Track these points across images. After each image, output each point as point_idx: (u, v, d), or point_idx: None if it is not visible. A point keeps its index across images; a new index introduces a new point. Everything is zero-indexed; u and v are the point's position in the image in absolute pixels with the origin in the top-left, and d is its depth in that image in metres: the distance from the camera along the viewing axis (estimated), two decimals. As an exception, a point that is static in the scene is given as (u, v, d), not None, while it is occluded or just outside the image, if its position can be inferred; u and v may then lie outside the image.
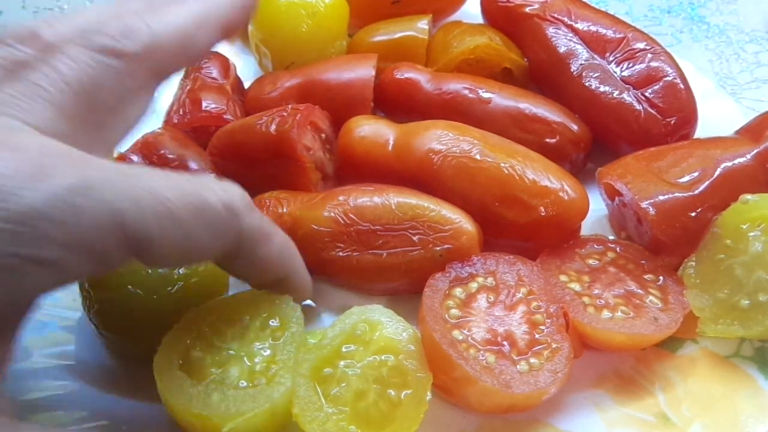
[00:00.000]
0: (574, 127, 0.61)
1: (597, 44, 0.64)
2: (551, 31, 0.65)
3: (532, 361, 0.46)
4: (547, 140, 0.60)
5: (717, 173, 0.54)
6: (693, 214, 0.52)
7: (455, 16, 0.74)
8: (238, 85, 0.69)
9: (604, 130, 0.62)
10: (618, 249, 0.54)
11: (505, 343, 0.47)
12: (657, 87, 0.60)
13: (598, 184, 0.59)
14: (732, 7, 0.84)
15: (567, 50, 0.64)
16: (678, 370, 0.50)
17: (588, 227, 0.58)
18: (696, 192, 0.53)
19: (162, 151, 0.58)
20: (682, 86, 0.60)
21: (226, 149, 0.60)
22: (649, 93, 0.60)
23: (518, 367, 0.46)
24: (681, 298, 0.50)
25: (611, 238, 0.56)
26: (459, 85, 0.62)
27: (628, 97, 0.60)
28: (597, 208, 0.59)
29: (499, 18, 0.70)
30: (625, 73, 0.62)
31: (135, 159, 0.58)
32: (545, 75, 0.66)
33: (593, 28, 0.65)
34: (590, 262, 0.53)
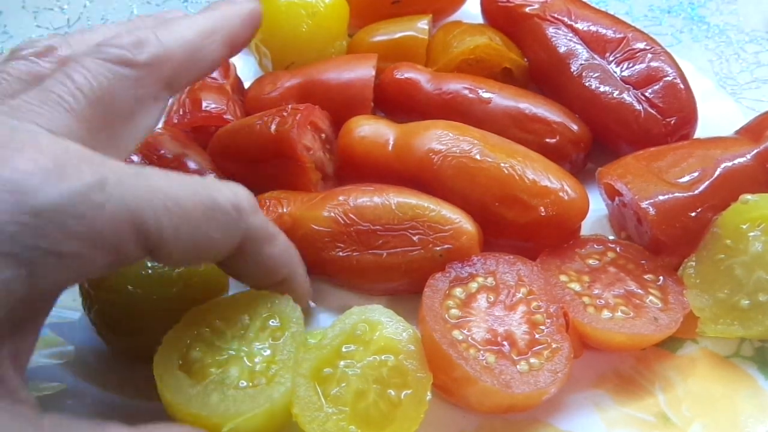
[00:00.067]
0: (574, 127, 0.61)
1: (597, 44, 0.64)
2: (551, 31, 0.65)
3: (532, 361, 0.46)
4: (547, 140, 0.60)
5: (717, 173, 0.54)
6: (693, 214, 0.52)
7: (455, 16, 0.74)
8: (238, 85, 0.69)
9: (604, 130, 0.62)
10: (618, 249, 0.54)
11: (505, 343, 0.47)
12: (657, 87, 0.60)
13: (598, 184, 0.59)
14: (732, 7, 0.84)
15: (567, 50, 0.64)
16: (678, 370, 0.50)
17: (588, 227, 0.58)
18: (696, 192, 0.53)
19: (162, 151, 0.58)
20: (682, 86, 0.60)
21: (226, 149, 0.61)
22: (649, 93, 0.60)
23: (518, 367, 0.46)
24: (681, 298, 0.50)
25: (611, 238, 0.56)
26: (459, 85, 0.62)
27: (628, 97, 0.60)
28: (597, 208, 0.59)
29: (499, 18, 0.70)
30: (625, 73, 0.62)
31: (135, 159, 0.58)
32: (545, 75, 0.66)
33: (593, 28, 0.65)
34: (590, 262, 0.53)
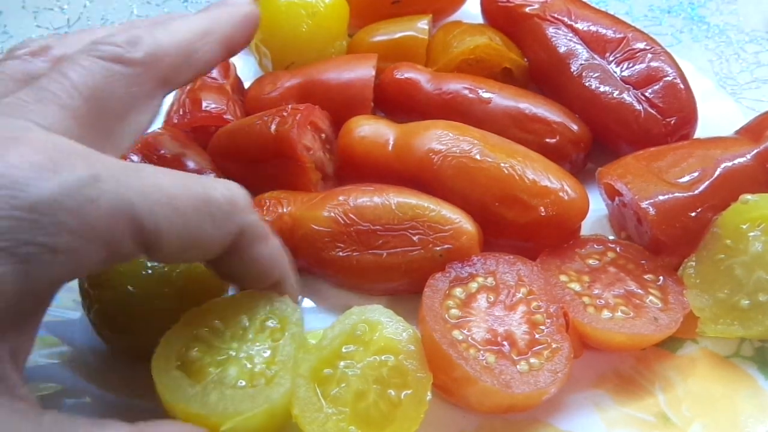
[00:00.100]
0: (574, 127, 0.61)
1: (597, 44, 0.64)
2: (551, 31, 0.65)
3: (532, 361, 0.46)
4: (547, 140, 0.60)
5: (717, 173, 0.54)
6: (693, 214, 0.52)
7: (455, 16, 0.74)
8: (238, 85, 0.69)
9: (604, 130, 0.62)
10: (618, 249, 0.54)
11: (505, 343, 0.47)
12: (657, 87, 0.60)
13: (598, 184, 0.59)
14: (732, 7, 0.84)
15: (567, 50, 0.64)
16: (678, 370, 0.50)
17: (588, 227, 0.58)
18: (696, 192, 0.53)
19: (162, 151, 0.58)
20: (682, 86, 0.60)
21: (226, 149, 0.61)
22: (649, 93, 0.60)
23: (518, 367, 0.46)
24: (681, 298, 0.50)
25: (611, 238, 0.56)
26: (459, 85, 0.62)
27: (628, 97, 0.60)
28: (597, 208, 0.59)
29: (499, 18, 0.70)
30: (625, 73, 0.62)
31: (135, 159, 0.58)
32: (545, 75, 0.66)
33: (593, 28, 0.65)
34: (590, 262, 0.53)
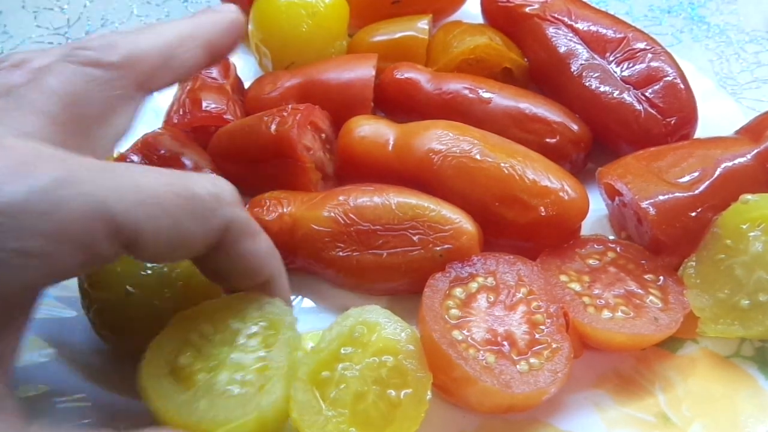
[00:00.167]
0: (575, 127, 0.61)
1: (597, 44, 0.64)
2: (551, 31, 0.65)
3: (532, 361, 0.46)
4: (548, 140, 0.60)
5: (717, 173, 0.54)
6: (693, 214, 0.52)
7: (455, 16, 0.74)
8: (238, 85, 0.69)
9: (604, 130, 0.62)
10: (618, 249, 0.54)
11: (505, 343, 0.47)
12: (657, 87, 0.60)
13: (598, 184, 0.59)
14: (732, 6, 0.84)
15: (567, 50, 0.64)
16: (678, 370, 0.50)
17: (588, 227, 0.58)
18: (696, 192, 0.53)
19: (162, 151, 0.58)
20: (682, 86, 0.60)
21: (226, 149, 0.61)
22: (649, 93, 0.60)
23: (518, 367, 0.46)
24: (681, 298, 0.50)
25: (611, 238, 0.56)
26: (459, 85, 0.62)
27: (629, 97, 0.60)
28: (597, 208, 0.59)
29: (499, 18, 0.70)
30: (626, 73, 0.61)
31: (135, 159, 0.58)
32: (545, 75, 0.66)
33: (593, 28, 0.64)
34: (590, 262, 0.53)
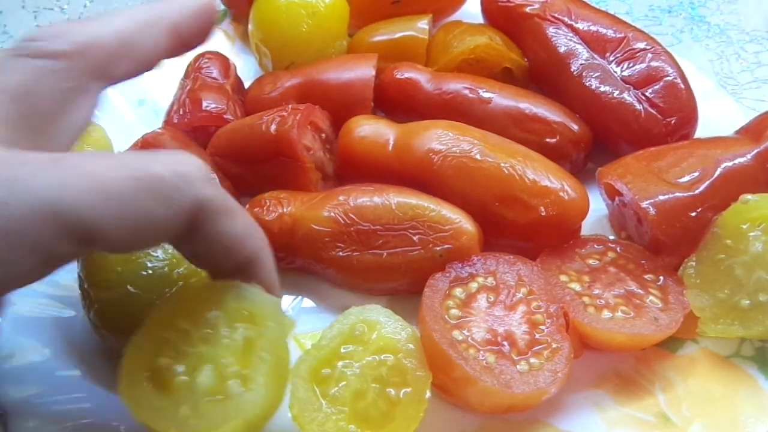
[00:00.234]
0: (575, 127, 0.61)
1: (597, 44, 0.64)
2: (551, 30, 0.65)
3: (532, 361, 0.46)
4: (548, 140, 0.60)
5: (717, 173, 0.54)
6: (693, 214, 0.52)
7: (455, 16, 0.74)
8: (238, 85, 0.69)
9: (604, 130, 0.62)
10: (618, 249, 0.54)
11: (505, 343, 0.47)
12: (657, 87, 0.60)
13: (598, 184, 0.59)
14: (732, 6, 0.84)
15: (567, 50, 0.64)
16: (678, 370, 0.50)
17: (588, 227, 0.58)
18: (696, 192, 0.53)
19: (162, 151, 0.58)
20: (682, 86, 0.60)
21: (226, 149, 0.61)
22: (649, 93, 0.60)
23: (518, 367, 0.46)
24: (681, 298, 0.50)
25: (611, 238, 0.56)
26: (459, 85, 0.62)
27: (629, 97, 0.60)
28: (597, 208, 0.59)
29: (500, 18, 0.70)
30: (626, 73, 0.61)
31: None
32: (545, 75, 0.66)
33: (593, 28, 0.64)
34: (590, 262, 0.53)
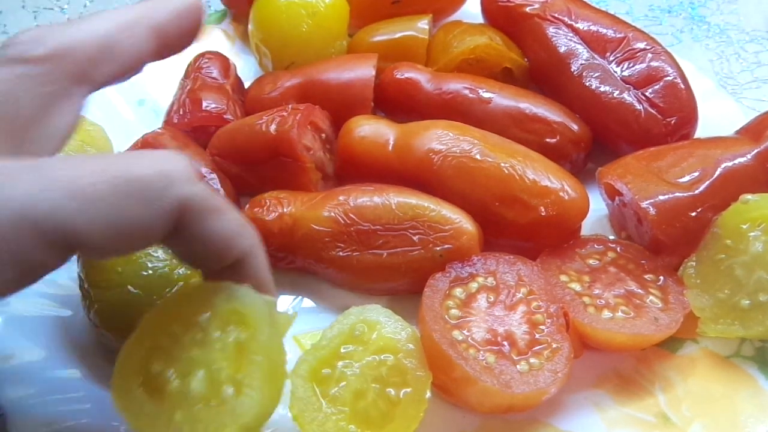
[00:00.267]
0: (575, 127, 0.61)
1: (597, 44, 0.64)
2: (551, 30, 0.65)
3: (532, 361, 0.46)
4: (548, 140, 0.60)
5: (717, 173, 0.54)
6: (693, 214, 0.52)
7: (455, 16, 0.74)
8: (238, 85, 0.69)
9: (604, 129, 0.62)
10: (618, 249, 0.54)
11: (505, 343, 0.47)
12: (657, 87, 0.60)
13: (598, 184, 0.59)
14: (732, 6, 0.84)
15: (567, 50, 0.64)
16: (678, 370, 0.50)
17: (588, 227, 0.58)
18: (696, 192, 0.53)
19: (162, 151, 0.58)
20: (682, 86, 0.60)
21: (226, 149, 0.61)
22: (649, 93, 0.60)
23: (518, 367, 0.46)
24: (681, 298, 0.50)
25: (611, 238, 0.56)
26: (459, 85, 0.62)
27: (629, 96, 0.60)
28: (597, 208, 0.59)
29: (500, 18, 0.69)
30: (626, 73, 0.61)
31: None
32: (545, 75, 0.66)
33: (593, 28, 0.64)
34: (590, 262, 0.53)
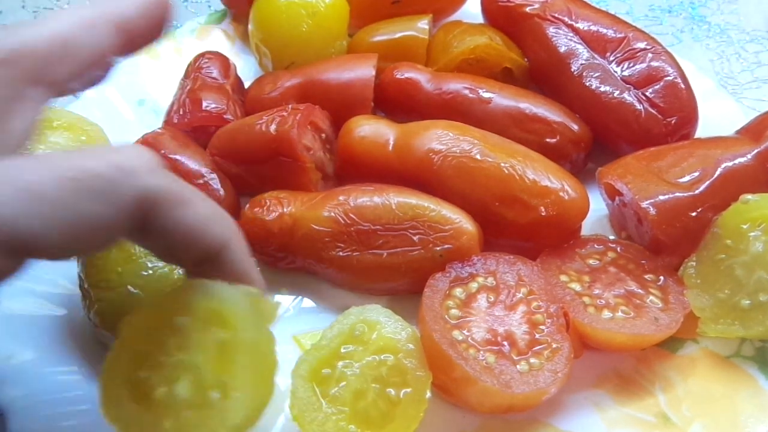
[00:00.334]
0: (575, 127, 0.61)
1: (597, 44, 0.63)
2: (552, 30, 0.65)
3: (532, 361, 0.46)
4: (548, 140, 0.60)
5: (717, 173, 0.54)
6: (693, 214, 0.52)
7: (455, 16, 0.74)
8: (238, 84, 0.69)
9: (604, 129, 0.62)
10: (618, 249, 0.54)
11: (505, 343, 0.47)
12: (658, 87, 0.60)
13: (598, 183, 0.59)
14: (733, 6, 0.84)
15: (567, 50, 0.64)
16: (678, 370, 0.50)
17: (588, 227, 0.58)
18: (696, 192, 0.53)
19: (162, 151, 0.58)
20: (682, 86, 0.60)
21: (226, 149, 0.60)
22: (649, 93, 0.60)
23: (518, 367, 0.46)
24: (681, 298, 0.50)
25: (612, 238, 0.56)
26: (459, 85, 0.62)
27: (629, 96, 0.60)
28: (597, 208, 0.59)
29: (500, 18, 0.69)
30: (626, 73, 0.61)
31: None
32: (546, 75, 0.66)
33: (594, 28, 0.64)
34: (590, 262, 0.53)
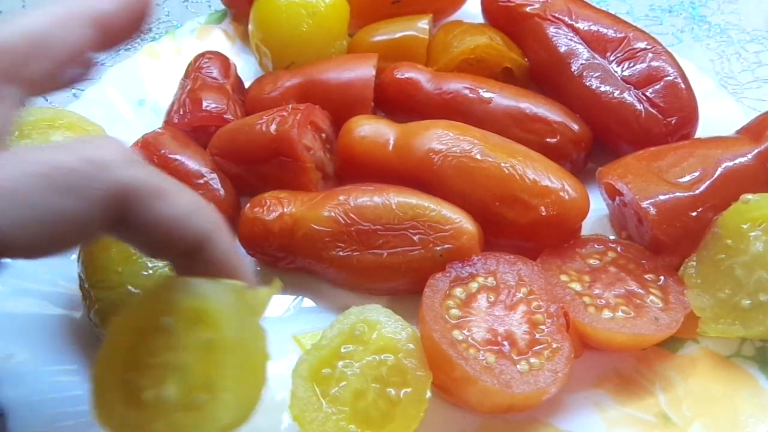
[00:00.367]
0: (575, 127, 0.61)
1: (598, 44, 0.63)
2: (552, 30, 0.65)
3: (533, 360, 0.46)
4: (548, 140, 0.60)
5: (718, 173, 0.54)
6: (694, 214, 0.52)
7: (456, 16, 0.74)
8: (238, 84, 0.69)
9: (604, 129, 0.62)
10: (619, 249, 0.54)
11: (506, 342, 0.47)
12: (658, 87, 0.60)
13: (598, 183, 0.59)
14: (733, 6, 0.84)
15: (568, 50, 0.64)
16: (679, 369, 0.50)
17: (588, 227, 0.58)
18: (697, 192, 0.53)
19: (162, 151, 0.58)
20: (683, 86, 0.60)
21: (226, 149, 0.60)
22: (650, 93, 0.60)
23: (518, 367, 0.46)
24: (682, 298, 0.50)
25: (612, 237, 0.56)
26: (459, 85, 0.62)
27: (629, 96, 0.60)
28: (597, 208, 0.59)
29: (500, 17, 0.69)
30: (626, 73, 0.61)
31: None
32: (546, 75, 0.66)
33: (594, 28, 0.64)
34: (591, 261, 0.53)
